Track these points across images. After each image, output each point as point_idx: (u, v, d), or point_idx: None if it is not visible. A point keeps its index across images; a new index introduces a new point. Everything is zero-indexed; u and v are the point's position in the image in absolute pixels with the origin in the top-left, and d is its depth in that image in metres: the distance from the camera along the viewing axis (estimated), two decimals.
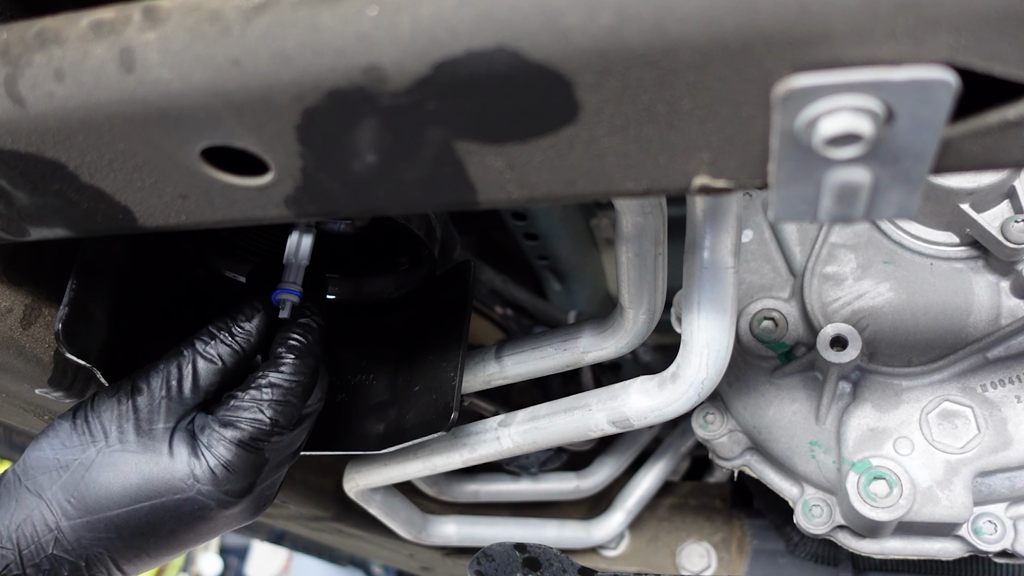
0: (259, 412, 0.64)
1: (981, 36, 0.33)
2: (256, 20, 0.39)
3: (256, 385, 0.65)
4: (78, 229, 0.54)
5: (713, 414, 0.92)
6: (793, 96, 0.35)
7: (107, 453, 0.63)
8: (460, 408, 0.74)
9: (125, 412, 0.64)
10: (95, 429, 0.64)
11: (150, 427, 0.63)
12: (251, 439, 0.63)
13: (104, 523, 0.62)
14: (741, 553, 1.19)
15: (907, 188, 0.38)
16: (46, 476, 0.63)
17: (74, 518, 0.62)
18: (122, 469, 0.63)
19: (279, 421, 0.64)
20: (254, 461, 0.64)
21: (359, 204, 0.47)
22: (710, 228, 0.64)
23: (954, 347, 0.82)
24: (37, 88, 0.44)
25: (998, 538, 0.82)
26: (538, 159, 0.42)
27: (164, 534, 0.63)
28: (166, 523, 0.63)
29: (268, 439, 0.64)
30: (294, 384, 0.65)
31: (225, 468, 0.63)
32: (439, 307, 0.83)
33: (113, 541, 0.62)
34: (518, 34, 0.36)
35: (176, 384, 0.64)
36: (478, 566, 0.83)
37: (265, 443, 0.64)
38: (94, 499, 0.62)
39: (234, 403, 0.64)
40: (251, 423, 0.64)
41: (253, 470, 0.64)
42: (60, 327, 0.63)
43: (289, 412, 0.65)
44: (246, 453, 0.63)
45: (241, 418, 0.64)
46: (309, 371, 0.67)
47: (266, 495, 0.68)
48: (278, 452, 0.66)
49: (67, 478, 0.62)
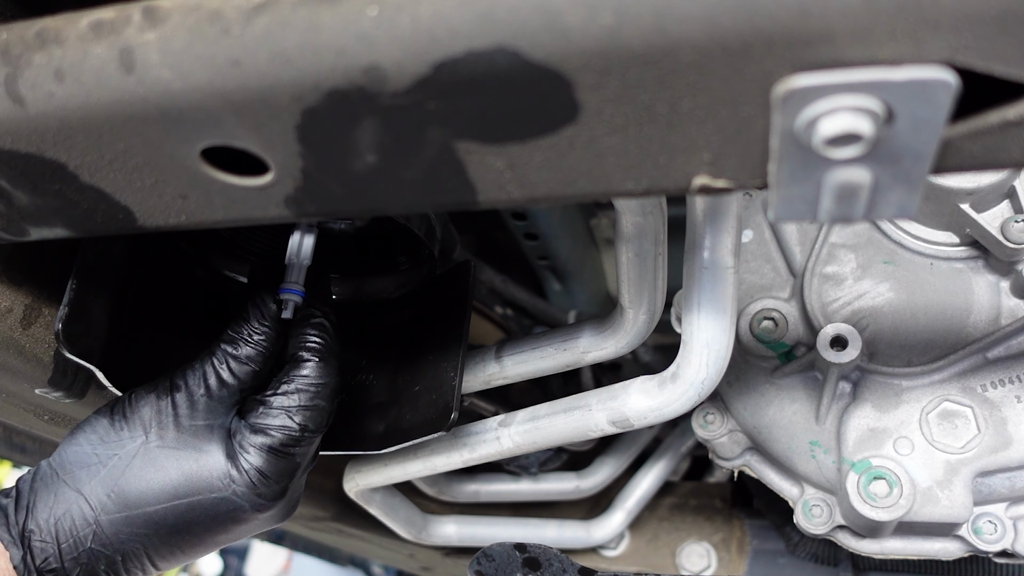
0: (288, 419, 0.65)
1: (981, 36, 0.33)
2: (256, 20, 0.39)
3: (283, 391, 0.65)
4: (78, 229, 0.54)
5: (713, 414, 0.92)
6: (793, 96, 0.35)
7: (147, 449, 0.64)
8: (460, 408, 0.74)
9: (164, 408, 0.64)
10: (134, 425, 0.64)
11: (190, 423, 0.64)
12: (282, 446, 0.64)
13: (143, 519, 0.63)
14: (741, 553, 1.19)
15: (907, 188, 0.38)
16: (84, 471, 0.63)
17: (112, 513, 0.62)
18: (162, 465, 0.63)
19: (308, 426, 0.65)
20: (286, 466, 0.65)
21: (359, 204, 0.47)
22: (710, 228, 0.64)
23: (954, 347, 0.82)
24: (37, 88, 0.44)
25: (998, 538, 0.82)
26: (538, 159, 0.42)
27: (199, 531, 0.64)
28: (202, 521, 0.64)
29: (298, 445, 0.65)
30: (320, 387, 0.66)
31: (260, 473, 0.64)
32: (439, 307, 0.83)
33: (150, 537, 0.63)
34: (518, 34, 0.36)
35: (215, 382, 0.65)
36: (478, 566, 0.83)
37: (296, 448, 0.65)
38: (134, 495, 0.63)
39: (263, 409, 0.65)
40: (282, 430, 0.64)
41: (286, 475, 0.65)
42: (60, 327, 0.63)
43: (318, 416, 0.66)
44: (278, 459, 0.64)
45: (271, 425, 0.64)
46: (333, 371, 0.68)
47: (295, 498, 0.69)
48: (308, 455, 0.67)
49: (105, 473, 0.63)
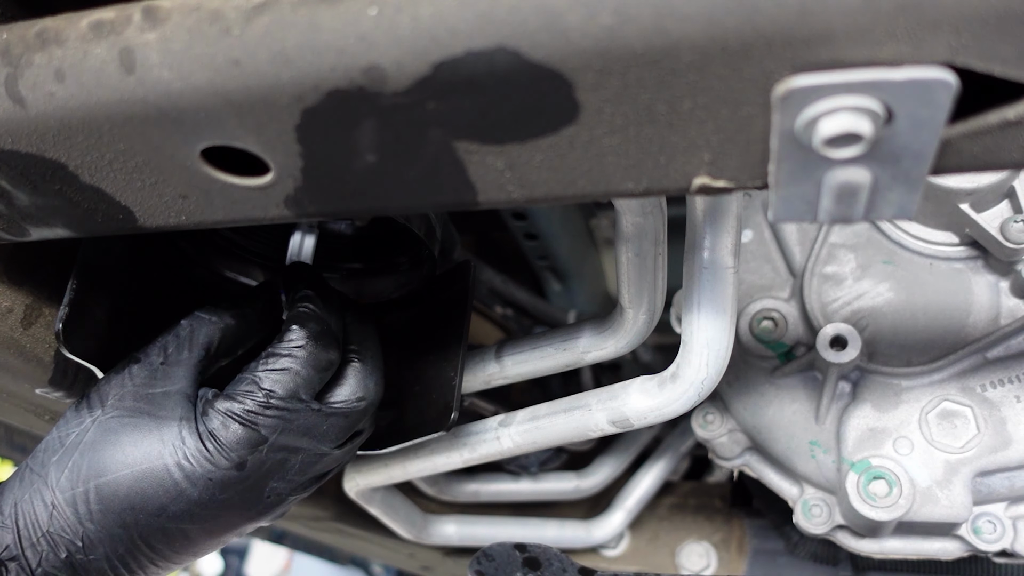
0: (254, 384, 0.61)
1: (981, 36, 0.33)
2: (256, 20, 0.39)
3: (258, 360, 0.63)
4: (78, 229, 0.54)
5: (713, 414, 0.92)
6: (793, 96, 0.35)
7: (102, 421, 0.61)
8: (460, 408, 0.74)
9: (123, 380, 0.62)
10: (93, 402, 0.62)
11: (146, 391, 0.61)
12: (245, 412, 0.60)
13: (94, 493, 0.59)
14: (741, 553, 1.19)
15: (907, 188, 0.38)
16: (46, 454, 0.61)
17: (67, 491, 0.59)
18: (115, 434, 0.60)
19: (275, 391, 0.61)
20: (246, 437, 0.60)
21: (359, 204, 0.47)
22: (710, 228, 0.64)
23: (954, 347, 0.82)
24: (37, 88, 0.44)
25: (998, 538, 0.82)
26: (538, 159, 0.42)
27: (153, 509, 0.59)
28: (153, 495, 0.59)
29: (263, 412, 0.60)
30: (294, 351, 0.62)
31: (212, 435, 0.60)
32: (439, 307, 0.83)
33: (105, 514, 0.59)
34: (518, 34, 0.36)
35: (173, 347, 0.63)
36: (478, 566, 0.83)
37: (259, 416, 0.60)
38: (86, 468, 0.59)
39: (238, 376, 0.62)
40: (245, 394, 0.61)
41: (244, 445, 0.60)
42: (60, 327, 0.63)
43: (289, 381, 0.61)
44: (236, 424, 0.60)
45: (237, 390, 0.61)
46: (315, 336, 0.63)
47: (275, 490, 0.63)
48: (281, 433, 0.61)
49: (63, 452, 0.60)
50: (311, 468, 0.65)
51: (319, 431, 0.64)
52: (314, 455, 0.64)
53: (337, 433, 0.65)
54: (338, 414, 0.64)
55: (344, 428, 0.65)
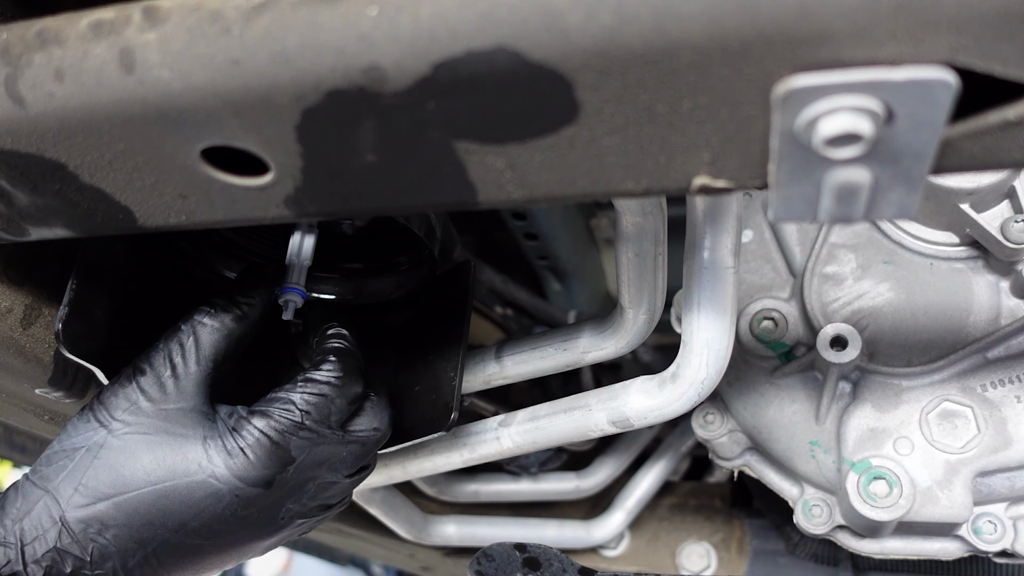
0: (290, 404, 0.62)
1: (981, 36, 0.33)
2: (256, 20, 0.39)
3: (293, 383, 0.64)
4: (78, 229, 0.54)
5: (713, 414, 0.92)
6: (793, 96, 0.35)
7: (116, 437, 0.60)
8: (460, 408, 0.74)
9: (131, 394, 0.62)
10: (101, 416, 0.62)
11: (161, 407, 0.61)
12: (277, 429, 0.61)
13: (112, 510, 0.59)
14: (741, 553, 1.19)
15: (907, 188, 0.38)
16: (52, 468, 0.60)
17: (79, 507, 0.58)
18: (133, 451, 0.60)
19: (310, 413, 0.62)
20: (276, 454, 0.61)
21: (359, 204, 0.47)
22: (710, 228, 0.64)
23: (954, 347, 0.82)
24: (37, 88, 0.44)
25: (998, 538, 0.82)
26: (538, 159, 0.42)
27: (173, 526, 0.60)
28: (175, 511, 0.59)
29: (296, 433, 0.62)
30: (332, 379, 0.64)
31: (243, 452, 0.60)
32: (439, 307, 0.83)
33: (121, 530, 0.58)
34: (518, 34, 0.36)
35: (180, 359, 0.63)
36: (478, 566, 0.83)
37: (293, 437, 0.62)
38: (103, 485, 0.59)
39: (270, 397, 0.63)
40: (281, 414, 0.62)
41: (274, 464, 0.61)
42: (60, 327, 0.63)
43: (324, 408, 0.63)
44: (270, 443, 0.61)
45: (272, 409, 0.62)
46: (350, 370, 0.66)
47: (289, 511, 0.64)
48: (308, 455, 0.63)
49: (72, 467, 0.60)
50: (322, 494, 0.66)
51: (338, 458, 0.66)
52: (328, 481, 0.66)
53: (353, 461, 0.67)
54: (356, 443, 0.67)
55: (359, 457, 0.67)
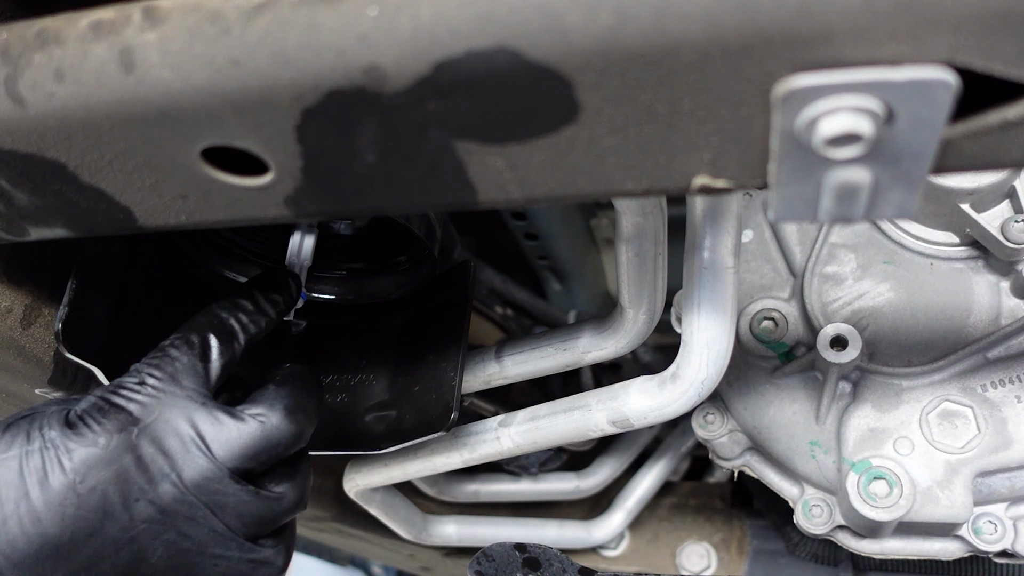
0: (133, 371, 0.57)
1: (981, 36, 0.33)
2: (256, 20, 0.39)
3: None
4: (78, 229, 0.54)
5: (713, 414, 0.92)
6: (793, 96, 0.35)
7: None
8: (460, 408, 0.74)
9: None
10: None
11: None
12: (115, 390, 0.56)
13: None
14: (741, 553, 1.19)
15: (907, 188, 0.38)
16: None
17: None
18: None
19: (152, 373, 0.56)
20: (116, 416, 0.54)
21: (359, 204, 0.47)
22: (710, 228, 0.64)
23: (954, 347, 0.82)
24: (37, 88, 0.44)
25: (998, 538, 0.82)
26: (538, 159, 0.42)
27: (8, 503, 0.51)
28: (11, 483, 0.52)
29: (138, 391, 0.56)
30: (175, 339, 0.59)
31: (80, 418, 0.54)
32: (439, 307, 0.83)
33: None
34: (518, 34, 0.36)
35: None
36: (478, 566, 0.83)
37: (132, 398, 0.55)
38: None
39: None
40: (122, 380, 0.56)
41: (113, 423, 0.54)
42: (60, 327, 0.63)
43: (166, 364, 0.57)
44: (107, 404, 0.55)
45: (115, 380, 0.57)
46: (198, 327, 0.60)
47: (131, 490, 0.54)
48: (155, 418, 0.55)
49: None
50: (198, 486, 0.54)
51: (205, 431, 0.55)
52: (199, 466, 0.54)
53: (227, 446, 0.55)
54: (226, 420, 0.56)
55: (238, 443, 0.55)
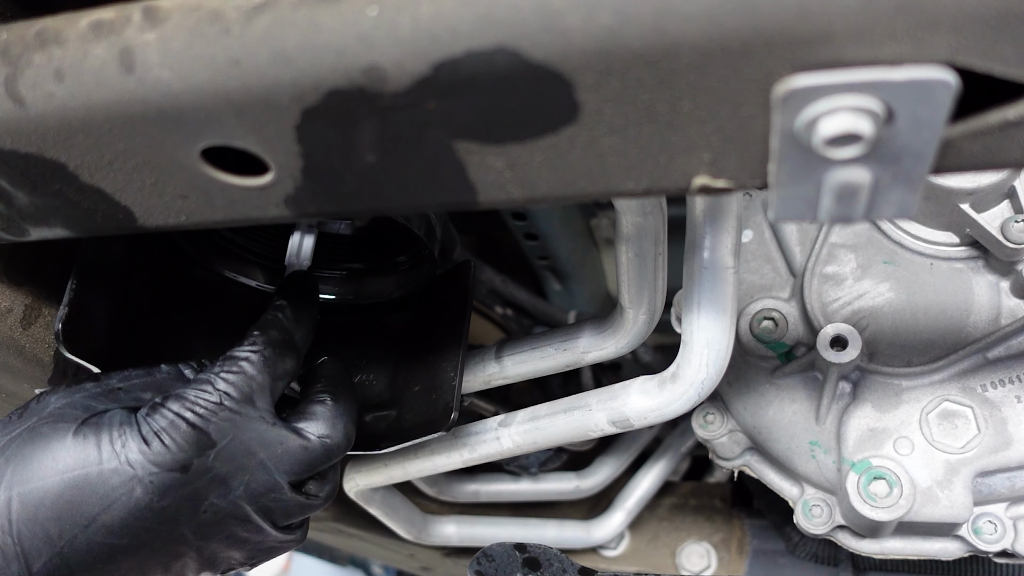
0: (207, 383, 0.59)
1: (981, 36, 0.33)
2: (256, 20, 0.39)
3: (215, 364, 0.61)
4: (78, 229, 0.54)
5: (713, 414, 0.92)
6: (793, 96, 0.35)
7: (33, 426, 0.57)
8: (460, 408, 0.74)
9: (70, 393, 0.59)
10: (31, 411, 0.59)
11: (90, 403, 0.59)
12: (193, 411, 0.57)
13: (16, 503, 0.54)
14: (741, 553, 1.19)
15: (907, 188, 0.38)
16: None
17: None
18: (46, 437, 0.56)
19: (229, 393, 0.58)
20: (195, 437, 0.57)
21: (359, 204, 0.47)
22: (710, 228, 0.64)
23: (954, 347, 0.82)
24: (37, 88, 0.44)
25: (998, 538, 0.82)
26: (538, 159, 0.42)
27: (82, 520, 0.54)
28: (85, 503, 0.54)
29: (216, 413, 0.58)
30: (251, 354, 0.61)
31: (158, 436, 0.56)
32: (439, 307, 0.83)
33: (26, 525, 0.54)
34: (518, 34, 0.36)
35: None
36: (478, 566, 0.83)
37: (212, 418, 0.58)
38: (14, 475, 0.55)
39: (193, 380, 0.61)
40: (197, 393, 0.58)
41: (192, 445, 0.57)
42: (60, 327, 0.63)
43: (244, 385, 0.59)
44: (186, 424, 0.57)
45: (188, 390, 0.59)
46: (274, 343, 0.62)
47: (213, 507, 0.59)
48: (232, 440, 0.58)
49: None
50: (256, 497, 0.60)
51: (272, 452, 0.60)
52: (262, 481, 0.60)
53: (292, 463, 0.61)
54: (294, 441, 0.61)
55: (299, 460, 0.62)
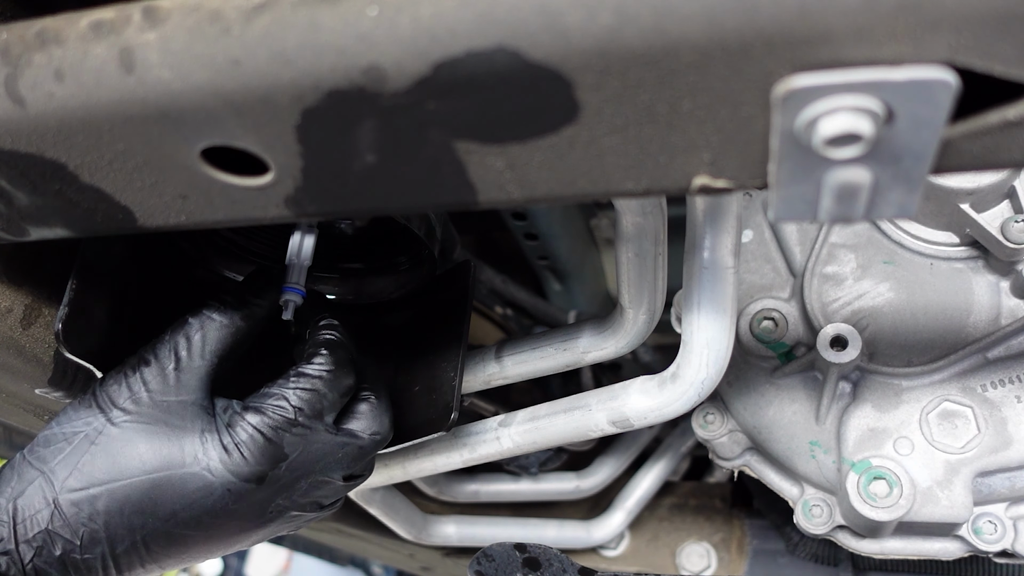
0: (283, 399, 0.63)
1: (981, 36, 0.33)
2: (256, 20, 0.39)
3: (286, 376, 0.64)
4: (78, 229, 0.54)
5: (713, 414, 0.92)
6: (793, 96, 0.35)
7: (115, 424, 0.61)
8: (460, 408, 0.74)
9: (134, 383, 0.62)
10: (103, 402, 0.62)
11: (162, 399, 0.62)
12: (271, 426, 0.62)
13: (106, 496, 0.60)
14: (741, 553, 1.19)
15: (907, 188, 0.38)
16: (49, 450, 0.61)
17: (73, 490, 0.59)
18: (130, 439, 0.61)
19: (303, 409, 0.63)
20: (271, 451, 0.62)
21: (359, 204, 0.47)
22: (710, 228, 0.64)
23: (954, 347, 0.82)
24: (37, 88, 0.44)
25: (998, 538, 0.82)
26: (538, 159, 0.42)
27: (163, 515, 0.61)
28: (167, 501, 0.60)
29: (289, 429, 0.62)
30: (323, 372, 0.64)
31: (238, 448, 0.61)
32: (439, 307, 0.83)
33: (112, 517, 0.60)
34: (518, 34, 0.36)
35: (186, 353, 0.63)
36: (478, 566, 0.83)
37: (286, 434, 0.62)
38: (99, 470, 0.60)
39: (264, 391, 0.64)
40: (274, 409, 0.62)
41: (268, 459, 0.62)
42: (60, 327, 0.63)
43: (316, 402, 0.64)
44: (263, 439, 0.62)
45: (266, 404, 0.63)
46: (340, 362, 0.66)
47: (278, 507, 0.65)
48: (301, 453, 0.63)
49: (70, 451, 0.61)
50: (314, 492, 0.66)
51: (333, 458, 0.65)
52: (322, 482, 0.66)
53: (348, 463, 0.67)
54: (352, 444, 0.66)
55: (355, 459, 0.67)
